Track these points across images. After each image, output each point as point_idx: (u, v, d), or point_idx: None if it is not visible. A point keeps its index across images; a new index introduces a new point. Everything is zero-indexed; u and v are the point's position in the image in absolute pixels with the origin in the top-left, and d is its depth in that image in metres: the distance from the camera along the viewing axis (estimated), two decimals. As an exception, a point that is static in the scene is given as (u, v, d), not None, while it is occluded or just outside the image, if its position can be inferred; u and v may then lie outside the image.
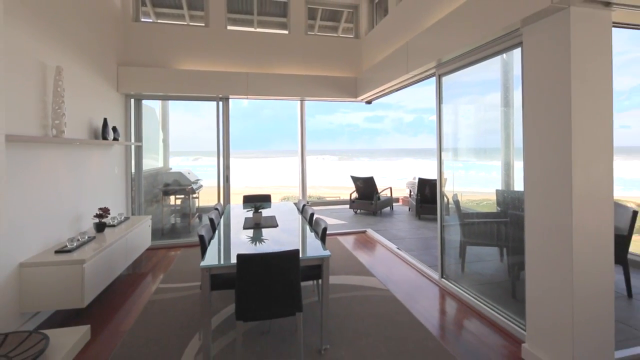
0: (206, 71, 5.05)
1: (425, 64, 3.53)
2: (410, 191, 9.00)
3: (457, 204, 3.68)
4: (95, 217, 3.59)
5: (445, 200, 3.80)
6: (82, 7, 3.73)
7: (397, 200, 9.55)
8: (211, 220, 3.29)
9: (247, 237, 2.95)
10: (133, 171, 5.08)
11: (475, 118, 3.62)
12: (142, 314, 3.00)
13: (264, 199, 4.83)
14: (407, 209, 8.68)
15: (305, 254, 2.46)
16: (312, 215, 3.44)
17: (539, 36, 2.25)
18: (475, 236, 3.54)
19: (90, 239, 3.29)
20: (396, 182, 10.24)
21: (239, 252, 2.14)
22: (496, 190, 3.39)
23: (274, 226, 3.29)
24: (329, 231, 5.50)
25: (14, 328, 2.52)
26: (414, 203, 7.84)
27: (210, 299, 2.31)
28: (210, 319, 2.34)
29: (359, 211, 8.27)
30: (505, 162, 3.27)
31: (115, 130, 4.21)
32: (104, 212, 3.65)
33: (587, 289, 2.06)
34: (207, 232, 2.79)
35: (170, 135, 6.80)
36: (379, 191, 8.09)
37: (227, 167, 5.34)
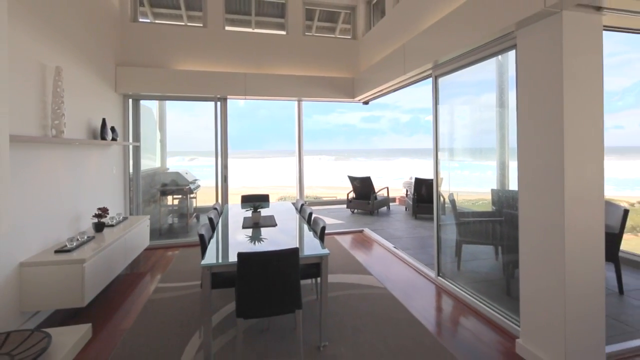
0: (204, 71, 5.07)
1: (422, 65, 3.59)
2: (407, 191, 9.07)
3: (453, 204, 3.74)
4: (94, 217, 3.60)
5: (442, 199, 3.86)
6: (80, 8, 3.74)
7: (394, 199, 9.61)
8: (210, 220, 3.31)
9: (247, 236, 2.99)
10: (131, 171, 5.09)
11: (471, 118, 3.68)
12: (142, 313, 3.02)
13: (262, 199, 4.86)
14: (404, 209, 8.75)
15: (305, 252, 2.50)
16: (311, 215, 3.48)
17: (532, 39, 2.31)
18: (471, 235, 3.60)
19: (90, 238, 3.30)
20: (392, 182, 10.30)
21: (238, 251, 2.17)
22: (491, 190, 3.45)
23: (273, 225, 3.32)
24: (327, 231, 5.55)
25: (14, 327, 2.53)
26: (410, 203, 7.90)
27: (211, 297, 2.34)
28: (211, 316, 2.37)
29: (356, 211, 8.32)
30: (500, 161, 3.32)
31: (113, 130, 4.22)
32: (103, 212, 3.66)
33: (578, 285, 2.12)
34: (207, 232, 2.82)
35: (167, 136, 6.81)
36: (375, 191, 8.15)
37: (225, 167, 5.36)
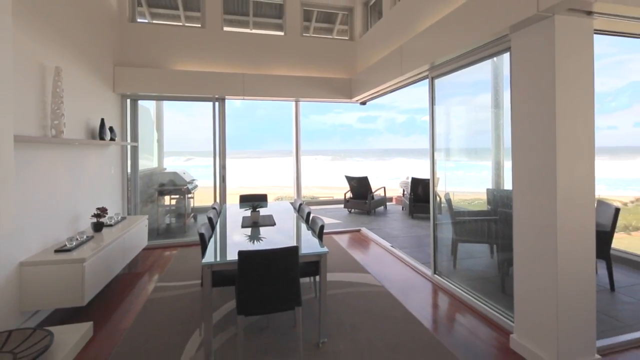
0: (202, 72, 5.10)
1: (419, 66, 3.64)
2: (404, 190, 9.14)
3: (449, 203, 3.80)
4: (93, 216, 3.61)
5: (438, 199, 3.92)
6: (79, 8, 3.75)
7: (391, 199, 9.68)
8: (210, 219, 3.34)
9: (246, 235, 3.02)
10: (129, 171, 5.10)
11: (467, 119, 3.74)
12: (142, 312, 3.05)
13: (260, 199, 4.89)
14: (401, 208, 8.82)
15: (304, 250, 2.54)
16: (309, 214, 3.52)
17: (526, 41, 2.37)
18: (467, 234, 3.66)
19: (89, 238, 3.32)
20: (389, 182, 10.37)
21: (238, 249, 2.20)
22: (487, 189, 3.51)
23: (272, 225, 3.36)
24: (324, 230, 5.59)
25: (14, 326, 2.55)
26: (407, 202, 7.97)
27: (211, 295, 2.37)
28: (212, 314, 2.40)
29: (353, 210, 8.37)
30: (495, 161, 3.39)
31: (112, 130, 4.23)
32: (102, 211, 3.67)
33: (570, 282, 2.18)
34: (207, 231, 2.85)
35: (164, 136, 6.81)
36: (373, 191, 8.21)
37: (223, 167, 5.38)
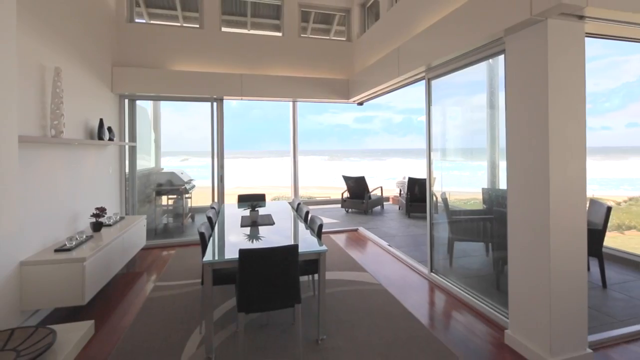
0: (201, 72, 5.12)
1: (416, 68, 3.70)
2: (401, 190, 9.21)
3: (446, 202, 3.86)
4: (92, 216, 3.62)
5: (435, 199, 3.97)
6: (78, 8, 3.76)
7: (388, 199, 9.74)
8: (209, 219, 3.37)
9: (246, 234, 3.05)
10: (127, 171, 5.11)
11: (463, 119, 3.80)
12: (142, 311, 3.07)
13: (258, 198, 4.92)
14: (397, 208, 8.88)
15: (304, 249, 2.58)
16: (308, 213, 3.56)
17: (519, 44, 2.43)
18: (463, 233, 3.73)
19: (88, 238, 3.33)
20: (385, 182, 10.44)
21: (238, 248, 2.23)
22: (482, 189, 3.58)
23: (271, 224, 3.40)
24: (322, 229, 5.64)
25: (14, 325, 2.56)
26: (404, 202, 8.04)
27: (212, 293, 2.41)
28: (212, 311, 2.43)
29: (350, 210, 8.42)
30: (491, 161, 3.45)
31: (110, 130, 4.24)
32: (101, 211, 3.69)
33: (562, 279, 2.24)
34: (206, 230, 2.88)
35: (162, 136, 6.82)
36: (369, 190, 8.26)
37: (221, 167, 5.41)
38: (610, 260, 4.19)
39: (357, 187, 8.33)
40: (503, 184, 2.73)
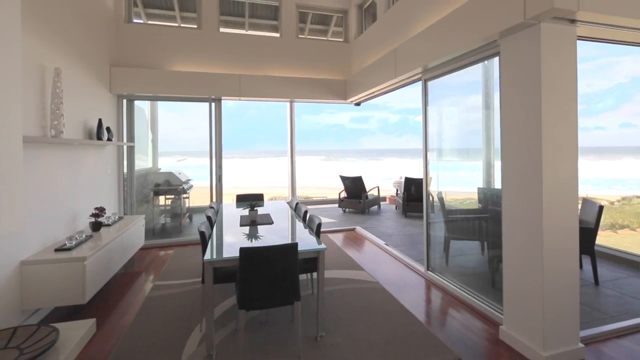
0: (199, 72, 5.14)
1: (412, 69, 3.75)
2: (397, 190, 9.28)
3: (442, 202, 3.92)
4: (91, 216, 3.64)
5: (431, 198, 4.03)
6: (76, 9, 3.77)
7: (384, 199, 9.80)
8: (209, 218, 3.40)
9: (245, 233, 3.09)
10: (125, 171, 5.12)
11: (459, 120, 3.86)
12: (142, 309, 3.09)
13: (256, 198, 4.95)
14: (394, 207, 8.95)
15: (303, 247, 2.62)
16: (306, 213, 3.60)
17: (514, 47, 2.49)
18: (459, 231, 3.79)
19: (88, 237, 3.35)
20: (381, 182, 10.49)
21: (238, 247, 2.27)
22: (478, 188, 3.64)
23: (270, 223, 3.43)
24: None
25: (15, 324, 2.57)
26: (400, 201, 8.10)
27: (213, 290, 2.44)
28: (213, 309, 2.47)
29: (347, 210, 8.47)
30: (486, 161, 3.51)
31: (109, 130, 4.25)
32: (100, 211, 3.70)
33: (555, 276, 2.30)
34: (206, 229, 2.91)
35: (159, 136, 6.82)
36: (367, 190, 8.32)
37: (219, 167, 5.43)
38: (603, 258, 4.28)
39: (354, 187, 8.38)
40: (498, 184, 2.79)
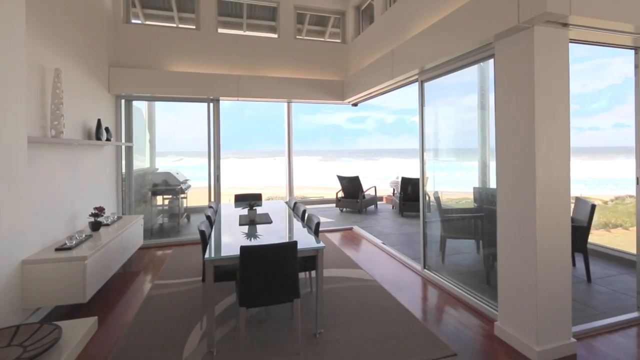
0: (197, 73, 5.16)
1: (409, 70, 3.81)
2: (394, 190, 9.34)
3: (438, 201, 3.98)
4: (90, 216, 3.66)
5: (427, 198, 4.09)
6: (75, 9, 3.78)
7: (381, 198, 9.87)
8: (208, 218, 3.43)
9: (244, 232, 3.12)
10: (123, 171, 5.13)
11: (455, 120, 3.92)
12: (142, 308, 3.12)
13: (255, 198, 4.98)
14: (391, 207, 9.02)
15: (302, 246, 2.66)
16: (305, 212, 3.64)
17: (508, 49, 2.55)
18: (455, 231, 3.85)
19: (88, 237, 3.36)
20: (378, 182, 10.56)
21: (238, 246, 2.31)
22: (473, 188, 3.70)
23: (269, 222, 3.47)
24: (317, 228, 5.73)
25: (16, 323, 2.59)
26: (397, 201, 8.17)
27: (214, 288, 2.48)
28: (214, 307, 2.50)
29: (344, 209, 8.53)
30: (482, 161, 3.58)
31: (108, 130, 4.27)
32: (99, 211, 3.72)
33: (548, 273, 2.37)
34: (207, 228, 2.95)
35: (157, 136, 6.83)
36: (364, 190, 8.38)
37: (217, 167, 5.46)
38: (595, 256, 4.36)
39: (351, 187, 8.44)
40: (493, 184, 2.86)
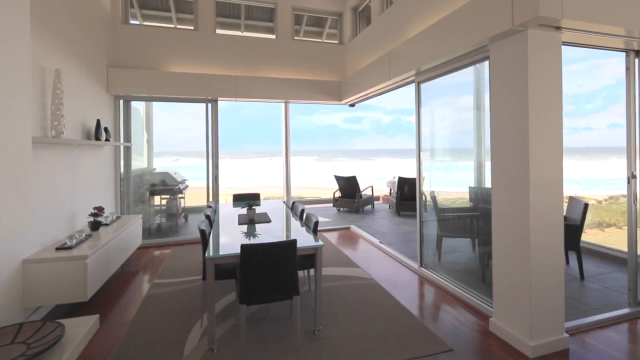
0: (195, 74, 5.19)
1: (406, 71, 3.86)
2: (391, 189, 9.41)
3: (434, 201, 4.04)
4: (90, 215, 3.67)
5: (424, 197, 4.15)
6: (75, 10, 3.80)
7: (378, 198, 9.94)
8: (207, 217, 3.46)
9: (244, 231, 3.16)
10: (122, 171, 5.14)
11: (451, 121, 3.98)
12: (142, 307, 3.15)
13: (253, 198, 5.02)
14: (388, 207, 9.08)
15: (301, 244, 2.70)
16: (303, 211, 3.68)
17: (502, 52, 2.61)
18: (451, 230, 3.91)
19: (88, 236, 3.38)
20: (374, 182, 10.62)
21: (239, 244, 2.35)
22: (469, 187, 3.77)
23: (268, 222, 3.51)
24: (315, 228, 5.76)
25: (19, 321, 2.61)
26: (394, 201, 8.23)
27: (214, 286, 2.51)
28: (214, 304, 2.54)
29: (342, 209, 8.58)
30: (477, 161, 3.64)
31: (107, 131, 4.29)
32: (99, 210, 3.74)
33: (541, 271, 2.43)
34: (207, 227, 2.98)
35: (154, 136, 6.83)
36: (360, 190, 8.44)
37: (216, 167, 5.49)
38: (589, 255, 4.44)
39: (348, 187, 8.49)
40: (489, 183, 2.91)
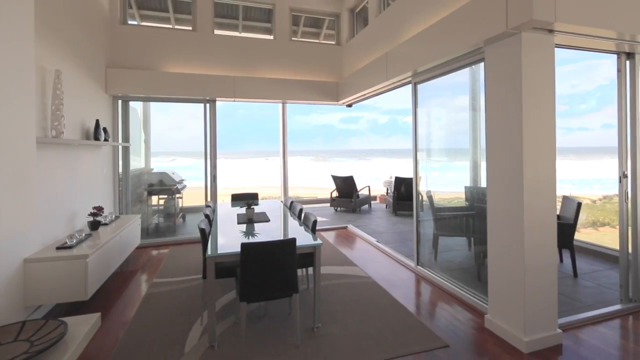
0: (194, 74, 5.21)
1: (403, 72, 3.92)
2: (388, 189, 9.47)
3: (431, 200, 4.10)
4: (89, 215, 3.69)
5: (420, 197, 4.20)
6: (74, 10, 3.81)
7: (375, 198, 10.00)
8: (207, 216, 3.49)
9: (243, 230, 3.20)
10: (120, 171, 5.15)
11: (448, 121, 4.04)
12: (142, 306, 3.17)
13: (251, 197, 5.05)
14: (385, 206, 9.15)
15: (301, 243, 2.74)
16: (301, 211, 3.72)
17: (497, 54, 2.67)
18: (447, 229, 3.97)
19: (87, 236, 3.40)
20: (370, 181, 10.68)
21: (239, 243, 2.39)
22: (465, 187, 3.82)
23: (266, 221, 3.55)
24: (313, 227, 5.79)
25: (20, 320, 2.63)
26: (391, 200, 8.29)
27: (215, 285, 2.55)
28: (215, 302, 2.57)
29: (339, 209, 8.63)
30: (473, 161, 3.70)
31: (105, 131, 4.30)
32: (98, 210, 3.76)
33: (535, 269, 2.49)
34: (206, 226, 3.01)
35: (151, 136, 6.84)
36: (358, 189, 8.49)
37: (214, 167, 5.51)
38: (582, 253, 4.52)
39: (345, 187, 8.54)
40: (484, 183, 2.97)
